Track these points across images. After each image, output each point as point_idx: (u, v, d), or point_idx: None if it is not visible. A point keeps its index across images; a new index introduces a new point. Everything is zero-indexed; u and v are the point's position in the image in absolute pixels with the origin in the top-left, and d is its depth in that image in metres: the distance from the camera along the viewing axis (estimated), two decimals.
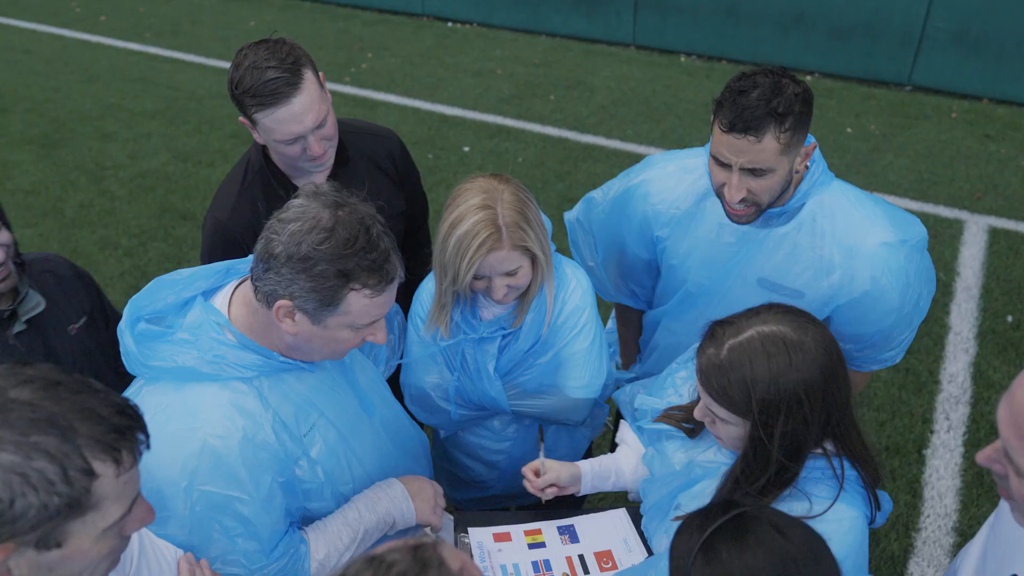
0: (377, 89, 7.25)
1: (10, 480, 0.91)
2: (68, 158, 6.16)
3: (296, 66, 1.90)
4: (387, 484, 1.76)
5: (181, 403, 1.48)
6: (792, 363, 1.37)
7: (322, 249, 1.39)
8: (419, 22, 8.87)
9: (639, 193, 2.14)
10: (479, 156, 6.10)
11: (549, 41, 8.23)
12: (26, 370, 0.99)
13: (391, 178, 2.28)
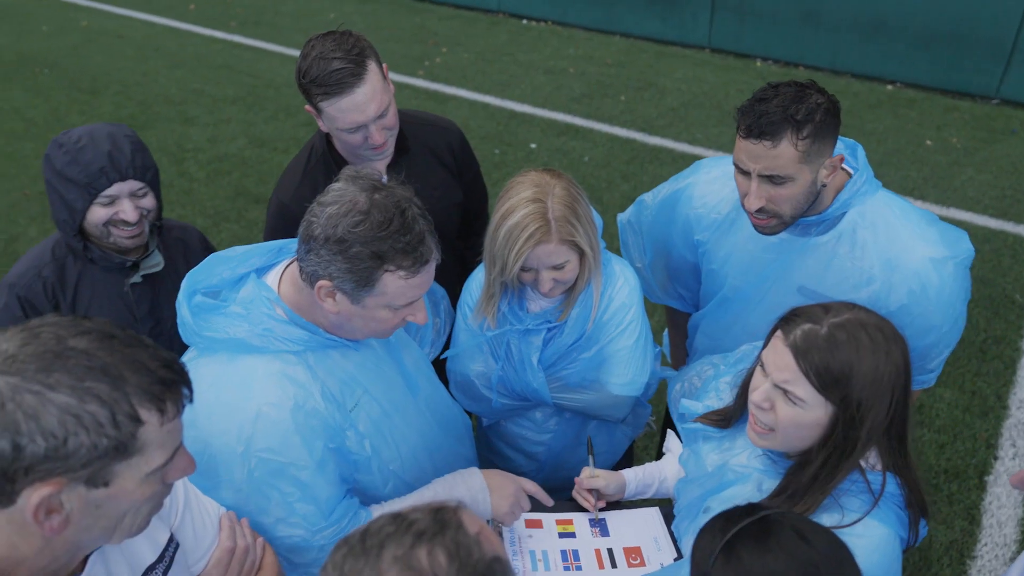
0: (449, 83, 7.34)
1: (65, 420, 0.98)
2: (152, 139, 6.42)
3: (361, 57, 1.95)
4: (468, 473, 1.80)
5: (235, 374, 1.54)
6: (890, 353, 1.36)
7: (357, 231, 1.44)
8: (494, 18, 8.94)
9: (684, 196, 2.15)
10: (546, 153, 6.12)
11: (623, 41, 8.20)
12: (85, 323, 1.05)
13: (449, 169, 2.32)
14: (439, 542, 0.91)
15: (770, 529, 1.11)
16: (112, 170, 1.91)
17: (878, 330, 1.38)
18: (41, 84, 7.50)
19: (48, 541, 1.07)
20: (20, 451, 0.97)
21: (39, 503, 1.00)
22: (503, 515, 1.80)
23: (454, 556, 0.90)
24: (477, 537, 0.94)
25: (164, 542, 1.33)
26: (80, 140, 1.94)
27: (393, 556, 0.89)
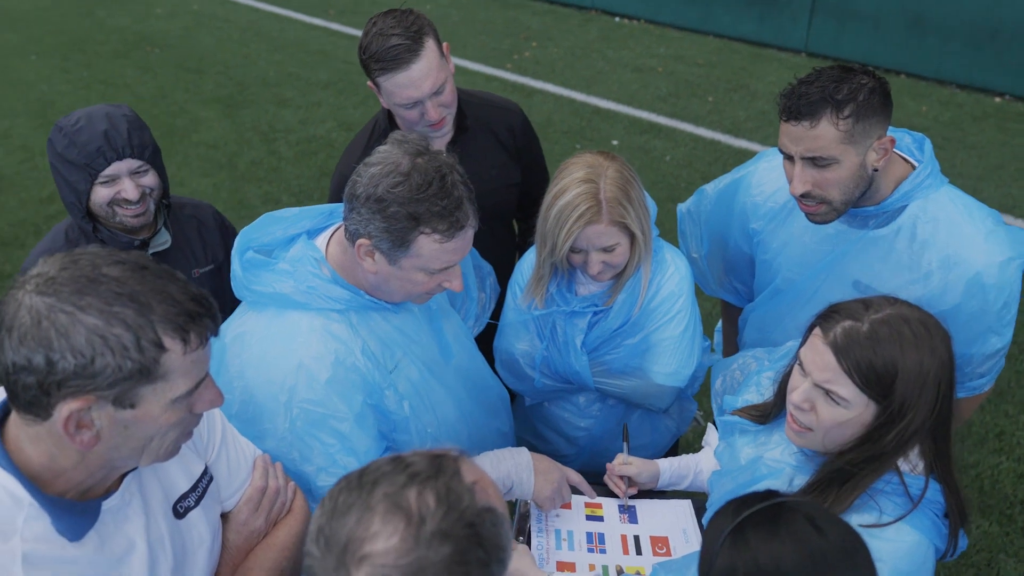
0: (536, 77, 7.36)
1: (92, 340, 1.04)
2: (247, 119, 6.69)
3: (418, 35, 1.99)
4: (517, 451, 1.84)
5: (280, 327, 1.61)
6: (935, 349, 1.32)
7: (396, 192, 1.48)
8: (587, 15, 8.92)
9: (743, 184, 2.11)
10: (626, 151, 6.07)
11: (716, 42, 8.04)
12: (121, 254, 1.12)
13: (508, 150, 2.34)
14: (431, 485, 0.92)
15: (782, 516, 1.08)
16: (109, 149, 1.92)
17: (922, 325, 1.34)
18: (151, 62, 7.91)
19: (83, 456, 1.14)
20: (53, 366, 1.03)
21: (68, 416, 1.06)
22: (543, 499, 1.83)
23: (443, 500, 0.91)
24: (471, 486, 0.95)
25: (198, 474, 1.40)
26: (78, 122, 1.96)
27: (384, 493, 0.91)
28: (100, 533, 1.21)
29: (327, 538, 0.89)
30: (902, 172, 1.83)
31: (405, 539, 0.87)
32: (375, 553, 0.86)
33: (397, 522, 0.88)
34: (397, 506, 0.89)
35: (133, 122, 2.00)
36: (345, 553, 0.87)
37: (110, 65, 7.86)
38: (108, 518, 1.22)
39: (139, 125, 2.01)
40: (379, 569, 0.86)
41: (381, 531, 0.88)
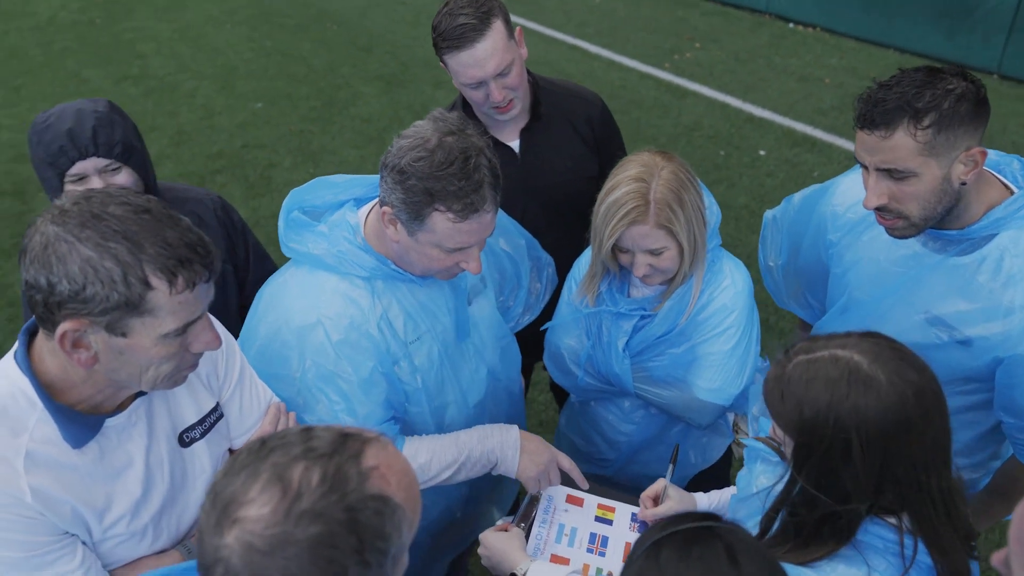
0: (693, 79, 7.17)
1: (85, 270, 1.15)
2: (403, 98, 6.99)
3: (487, 15, 2.01)
4: (506, 428, 1.85)
5: (309, 284, 1.70)
6: (850, 396, 1.19)
7: (417, 166, 1.51)
8: (759, 19, 8.57)
9: (828, 192, 1.99)
10: (772, 162, 5.81)
11: (896, 56, 7.49)
12: (129, 195, 1.22)
13: (586, 141, 2.31)
14: (321, 463, 0.90)
15: (702, 540, 1.03)
16: (71, 148, 1.84)
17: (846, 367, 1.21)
18: (327, 37, 8.42)
19: (90, 373, 1.26)
20: (52, 288, 1.15)
21: (63, 334, 1.18)
22: (528, 479, 1.82)
23: (327, 480, 0.89)
24: (367, 471, 0.92)
25: (207, 409, 1.50)
26: (47, 119, 1.89)
27: (273, 462, 0.91)
28: (102, 446, 1.33)
29: (215, 495, 0.91)
30: (997, 197, 1.66)
31: (276, 511, 0.87)
32: (246, 519, 0.87)
33: (274, 492, 0.88)
34: (279, 477, 0.89)
35: (103, 119, 1.89)
36: (224, 512, 0.88)
37: (291, 38, 8.44)
38: (111, 433, 1.34)
39: (108, 122, 1.90)
40: (246, 535, 0.86)
41: (257, 499, 0.88)
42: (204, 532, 0.89)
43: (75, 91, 7.29)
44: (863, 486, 1.22)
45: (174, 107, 6.93)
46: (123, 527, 1.36)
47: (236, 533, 0.87)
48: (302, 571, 0.86)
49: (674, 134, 6.22)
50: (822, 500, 1.25)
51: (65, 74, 7.70)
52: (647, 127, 6.33)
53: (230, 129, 6.51)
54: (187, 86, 7.34)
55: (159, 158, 6.07)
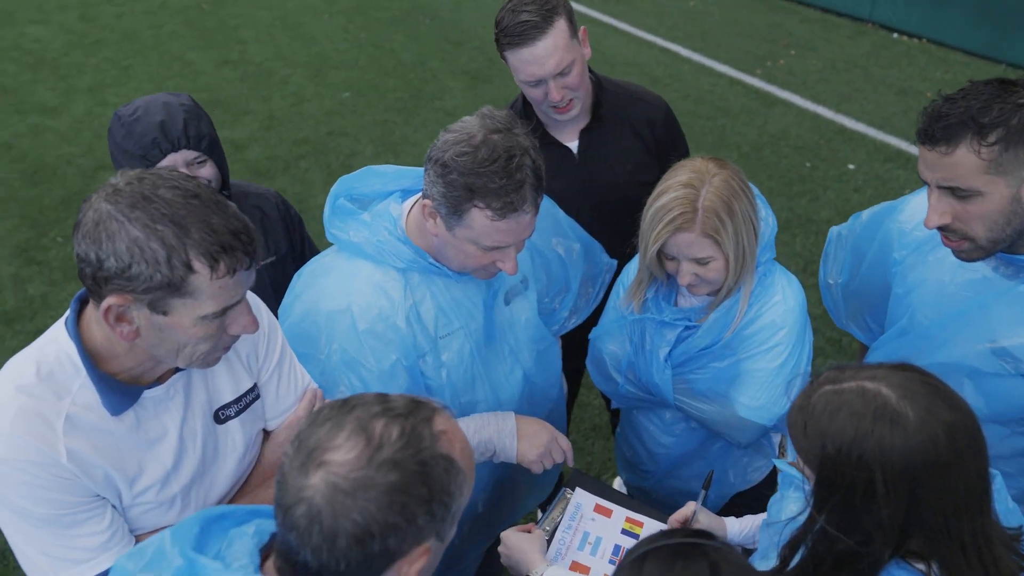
0: (784, 87, 6.96)
1: (132, 249, 1.20)
2: (487, 93, 7.03)
3: (550, 14, 1.99)
4: (503, 416, 1.84)
5: (346, 270, 1.73)
6: (875, 432, 1.12)
7: (459, 161, 1.52)
8: (860, 27, 8.24)
9: (896, 209, 1.90)
10: (861, 177, 5.58)
11: (1009, 73, 7.08)
12: (183, 181, 1.26)
13: (646, 145, 2.27)
14: (399, 421, 1.00)
15: (687, 555, 1.00)
16: (164, 140, 1.88)
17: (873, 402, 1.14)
18: (419, 31, 8.55)
19: (131, 346, 1.31)
20: (100, 263, 1.20)
21: (108, 308, 1.23)
22: (529, 462, 1.82)
23: (405, 435, 0.99)
24: (438, 433, 1.02)
25: (244, 389, 1.55)
26: (135, 112, 1.92)
27: (356, 416, 1.01)
28: (138, 415, 1.39)
29: (301, 441, 1.00)
30: None
31: (360, 457, 0.97)
32: (332, 462, 0.97)
33: (358, 441, 0.98)
34: (363, 429, 0.99)
35: (191, 112, 1.96)
36: (310, 457, 0.98)
37: (384, 30, 8.61)
38: (149, 404, 1.40)
39: (196, 115, 1.97)
40: (331, 476, 0.96)
41: (343, 445, 0.98)
42: (287, 475, 0.98)
43: (178, 73, 7.64)
44: (887, 529, 1.16)
45: (267, 92, 7.17)
46: (152, 495, 1.41)
47: (322, 475, 0.96)
48: (379, 512, 0.95)
49: (759, 143, 6.06)
50: (842, 539, 1.19)
51: (171, 57, 8.07)
52: (732, 134, 6.18)
53: (317, 116, 6.69)
54: (281, 73, 7.58)
55: (248, 141, 6.30)
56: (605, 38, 8.24)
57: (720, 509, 2.09)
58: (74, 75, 7.69)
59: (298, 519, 0.96)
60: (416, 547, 1.00)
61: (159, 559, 1.00)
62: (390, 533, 0.96)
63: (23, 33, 8.90)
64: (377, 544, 0.96)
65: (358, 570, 0.97)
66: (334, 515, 0.94)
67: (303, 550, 0.97)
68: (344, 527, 0.95)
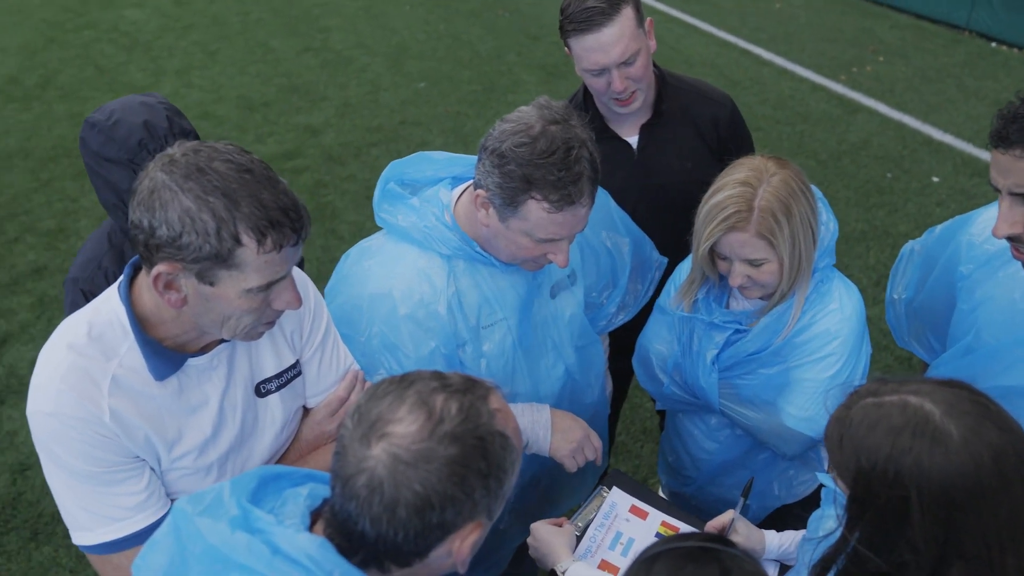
0: (869, 95, 6.72)
1: (183, 219, 1.22)
2: (562, 88, 6.99)
3: (617, 1, 1.96)
4: (538, 407, 1.83)
5: (391, 254, 1.73)
6: (914, 449, 1.06)
7: (518, 151, 1.50)
8: (957, 35, 7.89)
9: (969, 220, 1.81)
10: (945, 191, 5.35)
11: None
12: (234, 152, 1.27)
13: (708, 144, 2.21)
14: (458, 396, 1.02)
15: (699, 559, 0.97)
16: (150, 140, 1.77)
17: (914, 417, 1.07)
18: (497, 24, 8.58)
19: (179, 313, 1.35)
20: (153, 230, 1.23)
21: (157, 275, 1.26)
22: (562, 456, 1.80)
23: (464, 410, 1.00)
24: (494, 411, 1.04)
25: (286, 365, 1.57)
26: (112, 115, 1.79)
27: (417, 390, 1.02)
28: (181, 382, 1.42)
29: (361, 414, 1.02)
30: None
31: (422, 430, 0.98)
32: (395, 434, 0.98)
33: (420, 414, 0.99)
34: (424, 403, 1.01)
35: (171, 109, 1.86)
36: (371, 428, 0.99)
37: (463, 22, 8.67)
38: (192, 372, 1.43)
39: (177, 112, 1.87)
40: (393, 447, 0.97)
41: (405, 418, 0.99)
42: (347, 446, 1.01)
43: (260, 59, 7.85)
44: (922, 555, 1.09)
45: (345, 80, 7.30)
46: (189, 461, 1.44)
47: (384, 446, 0.98)
48: (440, 484, 0.96)
49: (838, 151, 5.86)
50: (874, 560, 1.13)
51: (255, 43, 8.30)
52: (810, 141, 6.00)
53: (392, 105, 6.78)
54: (361, 61, 7.71)
55: (324, 126, 6.43)
56: (685, 37, 8.11)
57: (762, 521, 2.03)
58: (164, 57, 7.99)
59: (359, 489, 0.97)
60: (470, 522, 1.01)
61: (217, 506, 1.02)
62: (448, 505, 0.97)
63: (122, 16, 9.30)
64: (436, 516, 0.97)
65: (414, 541, 0.98)
66: (395, 485, 0.96)
67: (362, 520, 0.98)
68: (405, 497, 0.96)
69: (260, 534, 0.99)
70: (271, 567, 0.97)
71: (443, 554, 1.02)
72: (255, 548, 0.98)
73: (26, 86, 7.35)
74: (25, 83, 7.43)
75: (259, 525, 1.00)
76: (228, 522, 0.99)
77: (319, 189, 5.56)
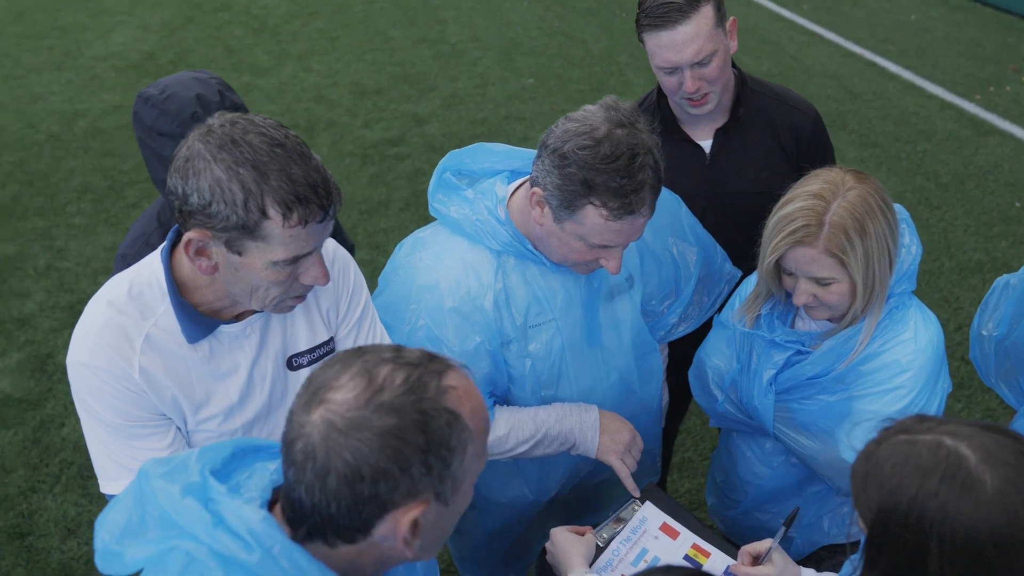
0: (1007, 117, 6.24)
1: (214, 188, 1.24)
2: None
3: None
4: (586, 408, 1.78)
5: (442, 245, 1.71)
6: (941, 494, 0.95)
7: (580, 154, 1.45)
8: None
9: None
10: None
11: None
12: (272, 130, 1.28)
13: (787, 154, 2.08)
14: (406, 369, 0.97)
15: None
16: (204, 114, 1.75)
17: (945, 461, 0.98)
18: (613, 24, 8.48)
19: (211, 280, 1.38)
20: (186, 197, 1.26)
21: (188, 241, 1.30)
22: (607, 456, 1.75)
23: (408, 382, 0.96)
24: (446, 387, 0.98)
25: (320, 342, 1.58)
26: (165, 90, 1.81)
27: (364, 360, 0.99)
28: (213, 347, 1.45)
29: (310, 380, 1.01)
30: None
31: (359, 398, 0.94)
32: (331, 400, 0.95)
33: (360, 382, 0.96)
34: (367, 372, 0.97)
35: (222, 84, 1.87)
36: (314, 395, 0.97)
37: (579, 20, 8.61)
38: (224, 339, 1.46)
39: (228, 87, 1.89)
40: (329, 414, 0.94)
41: (345, 385, 0.96)
42: (294, 411, 0.99)
43: (377, 47, 8.05)
44: None
45: (455, 72, 7.39)
46: (214, 426, 1.47)
47: (321, 412, 0.95)
48: (371, 455, 0.93)
49: (962, 174, 5.47)
50: None
51: (374, 32, 8.52)
52: (932, 161, 5.63)
53: (498, 99, 6.81)
54: (472, 55, 7.78)
55: (429, 116, 6.52)
56: (807, 46, 7.77)
57: (804, 558, 1.90)
58: (289, 41, 8.31)
59: (295, 454, 0.95)
60: (411, 500, 0.96)
61: (181, 470, 1.02)
62: (380, 478, 0.93)
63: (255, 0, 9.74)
64: (367, 488, 0.93)
65: (348, 514, 0.95)
66: (327, 452, 0.93)
67: (298, 487, 0.96)
68: (335, 466, 0.93)
69: (210, 503, 0.98)
70: (212, 537, 0.96)
71: (388, 534, 0.97)
72: (200, 516, 0.96)
73: (160, 63, 7.80)
74: (160, 60, 7.88)
75: (211, 494, 0.99)
76: (181, 488, 0.98)
77: (418, 177, 5.64)
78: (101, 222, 5.23)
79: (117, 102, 6.93)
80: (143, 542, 1.00)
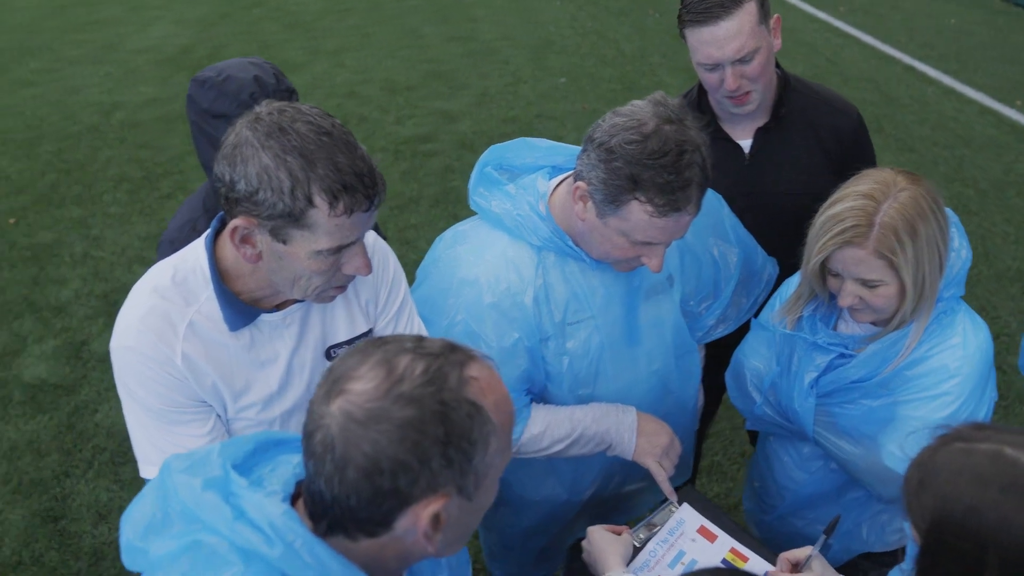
0: None
1: (261, 175, 1.24)
2: None
3: None
4: (624, 409, 1.77)
5: (482, 240, 1.70)
6: (1001, 505, 0.93)
7: (627, 148, 1.43)
8: None
9: None
10: None
11: None
12: (319, 119, 1.28)
13: (829, 156, 2.05)
14: (427, 360, 0.95)
15: None
16: (261, 95, 1.78)
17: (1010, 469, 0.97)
18: (645, 24, 8.44)
19: (254, 268, 1.38)
20: (233, 184, 1.26)
21: (233, 228, 1.30)
22: (643, 458, 1.74)
23: (429, 373, 0.93)
24: (468, 379, 0.95)
25: (359, 332, 1.58)
26: (222, 72, 1.83)
27: (384, 350, 0.96)
28: (253, 336, 1.45)
29: (331, 371, 0.99)
30: None
31: (378, 388, 0.92)
32: (351, 391, 0.93)
33: (379, 373, 0.94)
34: (387, 362, 0.95)
35: (276, 68, 1.89)
36: (333, 385, 0.96)
37: (611, 20, 8.58)
38: (265, 328, 1.46)
39: (280, 71, 1.91)
40: (348, 405, 0.92)
41: (364, 375, 0.94)
42: (314, 401, 0.97)
43: (409, 44, 8.08)
44: None
45: (487, 70, 7.40)
46: (253, 414, 1.48)
47: (340, 403, 0.93)
48: (390, 447, 0.90)
49: (1002, 181, 5.37)
50: None
51: (406, 28, 8.55)
52: (970, 167, 5.53)
53: (529, 98, 6.80)
54: (504, 53, 7.79)
55: (460, 114, 6.53)
56: (844, 48, 7.68)
57: (842, 565, 1.86)
58: (321, 37, 8.37)
59: (315, 446, 0.93)
60: (431, 493, 0.93)
61: (203, 464, 1.01)
62: (400, 471, 0.91)
63: None
64: (386, 481, 0.91)
65: (367, 507, 0.93)
66: (345, 444, 0.91)
67: (318, 479, 0.94)
68: (354, 458, 0.91)
69: (232, 497, 0.97)
70: (232, 530, 0.94)
71: (410, 527, 0.95)
72: (220, 509, 0.95)
73: (196, 57, 7.89)
74: (196, 54, 7.98)
75: (232, 488, 0.98)
76: (203, 481, 0.97)
77: (447, 174, 5.65)
78: (136, 212, 5.30)
79: (153, 95, 7.02)
80: (166, 537, 0.99)
